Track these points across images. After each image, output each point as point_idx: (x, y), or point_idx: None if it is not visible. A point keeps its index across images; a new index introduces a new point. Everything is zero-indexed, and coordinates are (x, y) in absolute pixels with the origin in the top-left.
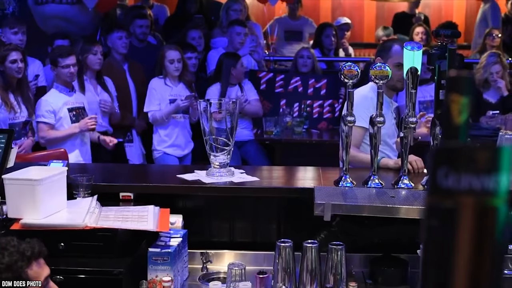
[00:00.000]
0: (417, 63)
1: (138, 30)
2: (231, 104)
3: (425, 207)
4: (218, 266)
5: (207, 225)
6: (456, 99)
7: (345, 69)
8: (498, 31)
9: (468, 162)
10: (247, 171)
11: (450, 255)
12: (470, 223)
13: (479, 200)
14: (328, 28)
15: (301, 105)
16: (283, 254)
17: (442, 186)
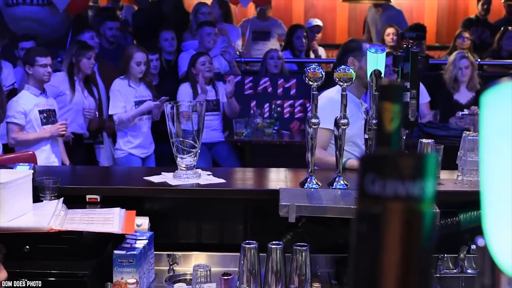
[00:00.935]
0: (380, 66)
1: (109, 32)
2: (198, 106)
3: (355, 212)
4: (185, 268)
5: (174, 227)
6: (387, 107)
7: (309, 71)
8: (467, 33)
9: (393, 169)
10: (215, 173)
11: (378, 259)
12: (397, 228)
13: (405, 205)
14: (299, 29)
15: (271, 106)
16: (248, 256)
17: (369, 192)
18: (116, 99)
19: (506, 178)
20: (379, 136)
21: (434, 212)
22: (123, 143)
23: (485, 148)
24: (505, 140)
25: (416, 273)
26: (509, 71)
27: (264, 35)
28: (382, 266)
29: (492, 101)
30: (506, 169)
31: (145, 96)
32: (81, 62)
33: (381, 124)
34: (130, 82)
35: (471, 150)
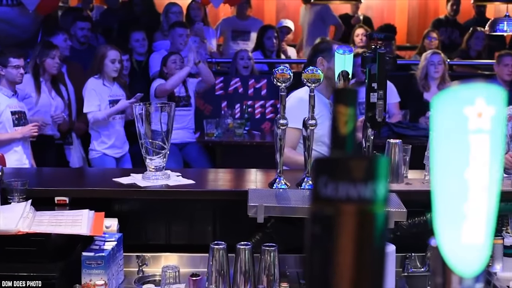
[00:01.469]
0: (348, 67)
1: (80, 33)
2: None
3: (309, 214)
4: (155, 269)
5: (143, 228)
6: (342, 110)
7: (277, 72)
8: (435, 33)
9: (345, 172)
10: (184, 174)
11: (331, 260)
12: (350, 229)
13: (357, 207)
14: (269, 30)
15: (242, 106)
16: (216, 256)
17: (322, 194)
18: (90, 97)
19: (454, 180)
20: (334, 139)
21: (386, 213)
22: (97, 144)
23: (435, 150)
24: (453, 143)
25: (369, 273)
26: (477, 71)
27: (243, 35)
28: (336, 267)
29: (442, 104)
30: (455, 170)
31: (119, 95)
32: (45, 62)
33: (336, 127)
34: (104, 82)
35: None
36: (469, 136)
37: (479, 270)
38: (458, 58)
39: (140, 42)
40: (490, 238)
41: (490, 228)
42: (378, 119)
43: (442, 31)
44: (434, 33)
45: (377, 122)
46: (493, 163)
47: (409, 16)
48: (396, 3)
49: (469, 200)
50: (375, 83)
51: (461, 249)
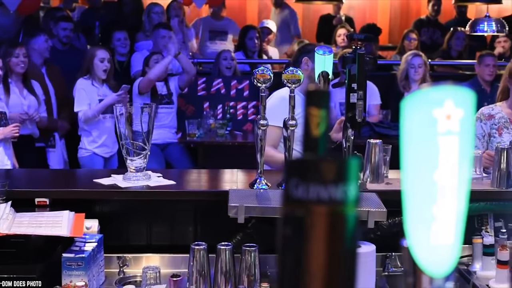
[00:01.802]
0: (328, 67)
1: (62, 33)
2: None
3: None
4: (136, 270)
5: (124, 229)
6: (314, 112)
7: (258, 73)
8: (415, 34)
9: (315, 174)
10: (165, 174)
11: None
12: (321, 231)
13: (328, 209)
14: (251, 30)
15: (224, 107)
16: (197, 257)
17: (293, 196)
18: (80, 97)
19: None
20: (306, 141)
21: (357, 214)
22: (88, 143)
23: (404, 151)
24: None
25: (341, 274)
26: (458, 71)
27: (221, 35)
28: (307, 268)
29: (411, 106)
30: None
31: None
32: (11, 61)
33: (308, 129)
34: (94, 82)
35: None
36: (438, 138)
37: (449, 270)
38: (439, 58)
39: (122, 41)
40: (459, 238)
41: (460, 229)
42: (358, 120)
43: (424, 32)
44: (413, 34)
45: (357, 122)
46: (462, 164)
47: (391, 16)
48: (378, 3)
49: (438, 201)
50: (355, 83)
51: (431, 249)
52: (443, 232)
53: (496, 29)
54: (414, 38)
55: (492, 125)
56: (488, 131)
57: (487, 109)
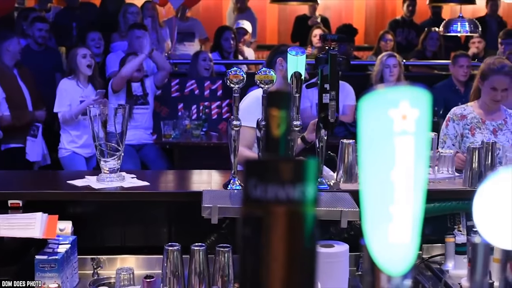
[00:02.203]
0: (300, 68)
1: (37, 33)
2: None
3: (240, 216)
4: (110, 271)
5: (98, 230)
6: (274, 113)
7: (230, 74)
8: (390, 34)
9: (273, 174)
10: (139, 175)
11: (263, 262)
12: (280, 230)
13: (286, 208)
14: (226, 31)
15: (198, 107)
16: (171, 258)
17: (252, 196)
18: (61, 97)
19: (380, 181)
20: (267, 141)
21: (315, 214)
22: (67, 143)
23: (362, 152)
24: (379, 145)
25: (301, 273)
26: (433, 71)
27: (189, 36)
28: (267, 268)
29: (368, 107)
30: (381, 172)
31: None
32: None
33: (269, 130)
34: (79, 83)
35: None
36: (394, 138)
37: (407, 268)
38: (414, 59)
39: (96, 42)
40: (416, 237)
41: (417, 228)
42: (331, 120)
43: (399, 32)
44: (389, 35)
45: (329, 122)
46: (418, 164)
47: (366, 16)
48: (353, 3)
49: (395, 201)
50: (328, 84)
51: (388, 248)
52: (400, 231)
53: (469, 29)
54: (390, 39)
55: (465, 125)
56: (461, 131)
57: (459, 109)
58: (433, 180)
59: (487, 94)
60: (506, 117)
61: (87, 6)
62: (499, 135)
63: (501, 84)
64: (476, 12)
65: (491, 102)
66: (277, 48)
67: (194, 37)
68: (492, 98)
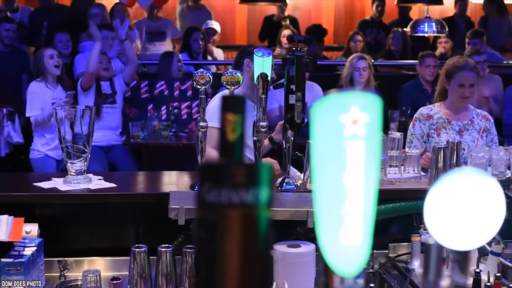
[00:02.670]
0: (267, 69)
1: (5, 34)
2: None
3: (195, 220)
4: (77, 274)
5: (65, 232)
6: (229, 117)
7: (197, 75)
8: (360, 35)
9: (227, 178)
10: (107, 177)
11: (217, 264)
12: (234, 233)
13: (240, 212)
14: (195, 31)
15: (168, 108)
16: (138, 259)
17: (206, 200)
18: (32, 101)
19: (332, 184)
20: (222, 146)
21: (269, 217)
22: (40, 145)
23: (314, 155)
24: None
25: (255, 275)
26: (401, 71)
27: (159, 36)
28: (222, 271)
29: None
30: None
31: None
32: None
33: (224, 134)
34: (48, 84)
35: None
36: (345, 142)
37: (359, 269)
38: (382, 59)
39: (64, 43)
40: (368, 239)
41: (368, 229)
42: (297, 121)
43: (368, 32)
44: (359, 35)
45: (295, 123)
46: (369, 167)
47: (336, 17)
48: (323, 4)
49: (346, 203)
50: (294, 85)
51: (341, 250)
52: (352, 233)
53: (436, 29)
54: (360, 40)
55: (431, 125)
56: (427, 131)
57: (426, 110)
58: (399, 180)
59: (455, 92)
60: (473, 117)
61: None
62: (465, 135)
63: (468, 80)
64: (444, 12)
65: (459, 100)
66: (244, 49)
67: (165, 36)
68: (460, 95)
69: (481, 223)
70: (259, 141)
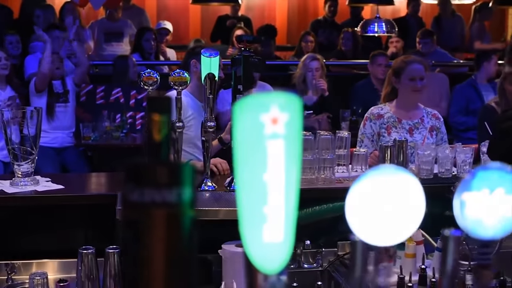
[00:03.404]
0: (214, 69)
1: None
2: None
3: (120, 220)
4: (25, 276)
5: (12, 235)
6: (155, 118)
7: (144, 76)
8: (311, 35)
9: (149, 178)
10: (55, 179)
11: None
12: (157, 234)
13: (163, 212)
14: (147, 32)
15: (122, 117)
16: (85, 261)
17: (130, 200)
18: None
19: (254, 183)
20: (148, 146)
21: (193, 216)
22: None
23: (237, 155)
24: (252, 148)
25: (181, 274)
26: (352, 71)
27: (117, 36)
28: (147, 271)
29: (240, 111)
30: (254, 174)
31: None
32: None
33: (150, 134)
34: None
35: (305, 150)
36: (265, 141)
37: (282, 266)
38: (334, 59)
39: (14, 44)
40: (290, 236)
41: (290, 227)
42: None
43: (321, 32)
44: (310, 36)
45: None
46: (290, 166)
47: (289, 16)
48: (276, 3)
49: (268, 202)
50: (241, 85)
51: (263, 248)
52: (274, 231)
53: (386, 29)
54: (311, 40)
55: (381, 125)
56: (377, 130)
57: (376, 109)
58: (347, 178)
59: (407, 87)
60: (423, 115)
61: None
62: (415, 133)
63: (418, 72)
64: (396, 12)
65: (412, 94)
66: (191, 50)
67: (123, 37)
68: (412, 88)
69: (401, 219)
70: (207, 141)
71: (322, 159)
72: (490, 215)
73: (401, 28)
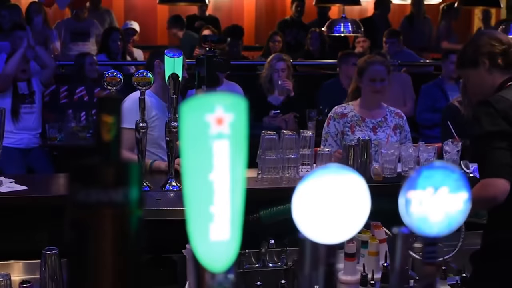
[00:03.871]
0: (177, 69)
1: None
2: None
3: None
4: None
5: None
6: (105, 119)
7: (108, 76)
8: (279, 35)
9: (95, 178)
10: (19, 180)
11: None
12: (104, 234)
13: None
14: (114, 32)
15: (88, 115)
16: (49, 262)
17: (76, 200)
18: None
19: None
20: (98, 146)
21: (140, 216)
22: None
23: (183, 155)
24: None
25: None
26: (319, 71)
27: (83, 36)
28: (93, 271)
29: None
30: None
31: None
32: None
33: (99, 134)
34: None
35: (269, 149)
36: (211, 141)
37: (229, 264)
38: (301, 59)
39: None
40: (237, 234)
41: (236, 225)
42: None
43: (288, 32)
44: (278, 36)
45: None
46: (236, 165)
47: (256, 16)
48: (244, 3)
49: (215, 201)
50: (204, 85)
51: (210, 247)
52: (221, 229)
53: (352, 29)
54: (279, 40)
55: (345, 124)
56: (341, 129)
57: (340, 108)
58: None
59: (367, 87)
60: (386, 114)
61: None
62: (379, 132)
63: (378, 74)
64: (363, 12)
65: (372, 95)
66: (155, 50)
67: (89, 36)
68: (372, 90)
69: (347, 218)
70: (172, 141)
71: (287, 159)
72: (434, 213)
73: (368, 28)
